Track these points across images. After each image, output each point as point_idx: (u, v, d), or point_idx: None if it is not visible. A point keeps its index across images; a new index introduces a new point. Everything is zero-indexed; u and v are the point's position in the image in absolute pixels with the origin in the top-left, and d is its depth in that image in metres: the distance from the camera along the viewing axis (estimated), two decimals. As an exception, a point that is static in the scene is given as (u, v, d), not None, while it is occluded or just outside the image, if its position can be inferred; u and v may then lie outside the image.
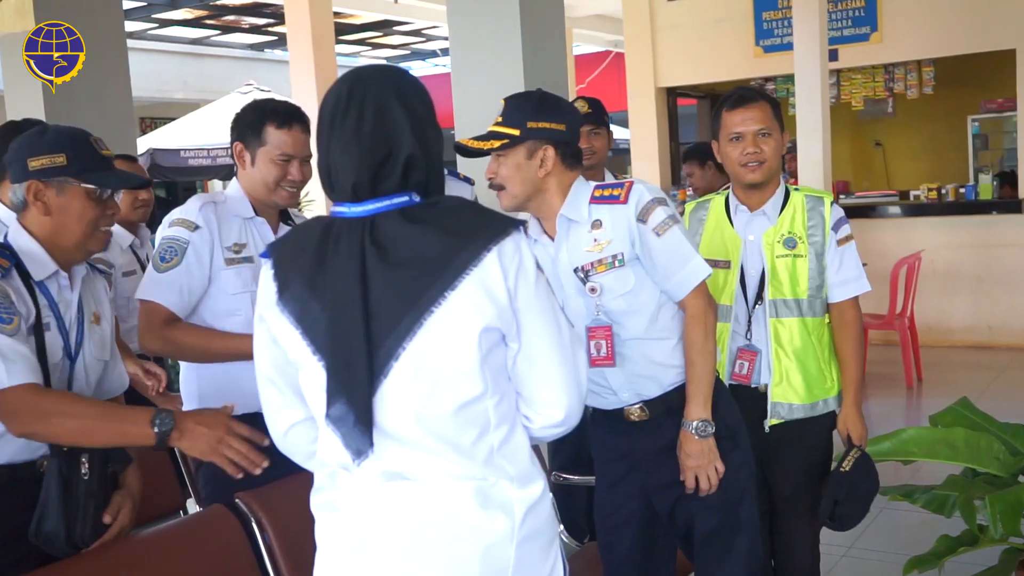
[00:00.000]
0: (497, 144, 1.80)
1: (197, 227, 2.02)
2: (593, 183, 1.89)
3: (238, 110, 2.15)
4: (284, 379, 1.31)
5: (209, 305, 2.06)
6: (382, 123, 1.24)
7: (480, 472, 1.23)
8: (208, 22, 10.69)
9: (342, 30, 11.47)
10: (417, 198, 1.26)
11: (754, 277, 2.20)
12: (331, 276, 1.21)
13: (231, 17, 10.47)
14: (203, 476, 2.12)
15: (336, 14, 9.68)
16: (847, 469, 2.13)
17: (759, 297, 2.19)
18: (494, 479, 1.23)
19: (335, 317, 1.21)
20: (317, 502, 1.31)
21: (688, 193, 5.05)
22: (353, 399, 1.20)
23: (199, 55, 11.70)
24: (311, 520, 1.32)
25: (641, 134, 7.70)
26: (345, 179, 1.24)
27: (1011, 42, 6.25)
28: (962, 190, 6.64)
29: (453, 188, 2.83)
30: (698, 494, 1.87)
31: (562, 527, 2.47)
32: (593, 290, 1.86)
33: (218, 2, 9.46)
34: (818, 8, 5.69)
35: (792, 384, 2.17)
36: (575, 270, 1.87)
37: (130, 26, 10.42)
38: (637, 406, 1.91)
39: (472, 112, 2.97)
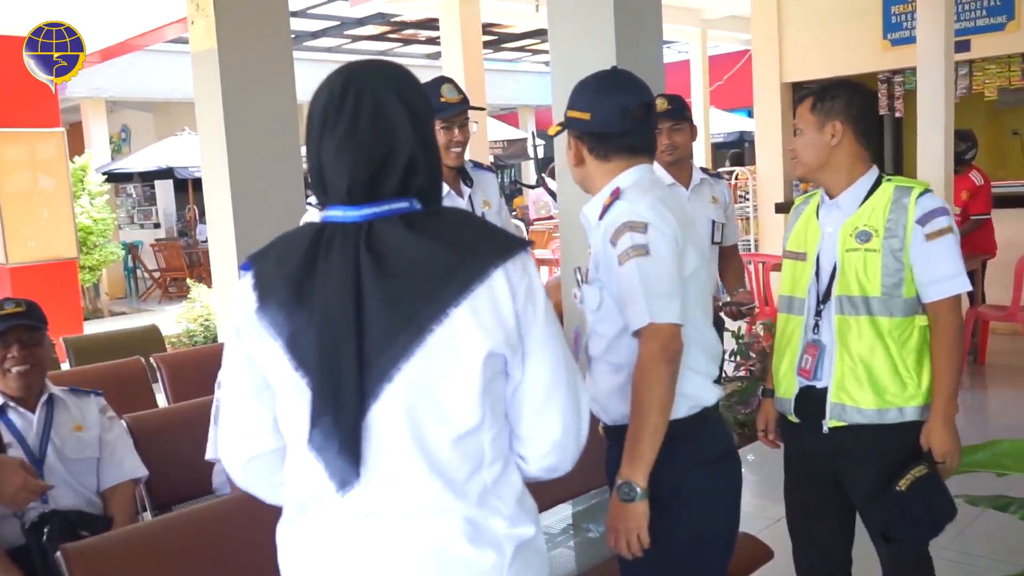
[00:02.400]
0: (553, 131, 1.59)
1: None
2: (615, 183, 1.51)
3: None
4: (257, 404, 1.04)
5: None
6: (380, 121, 0.99)
7: (473, 511, 0.98)
8: (391, 36, 10.98)
9: (505, 39, 11.46)
10: (418, 205, 1.01)
11: (827, 271, 1.83)
12: (321, 285, 0.96)
13: (410, 31, 10.69)
14: None
15: (495, 25, 9.66)
16: (902, 489, 1.72)
17: (828, 292, 1.82)
18: (483, 517, 0.99)
19: (324, 331, 0.95)
20: (285, 534, 1.05)
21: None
22: (340, 423, 0.94)
23: (384, 65, 12.06)
24: None
25: (766, 127, 7.13)
26: (339, 180, 0.99)
27: None
28: (1103, 181, 5.66)
29: (480, 178, 2.61)
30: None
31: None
32: (576, 297, 1.56)
33: (398, 19, 9.65)
34: (944, 0, 4.94)
35: (854, 386, 1.78)
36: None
37: (327, 42, 10.89)
38: (601, 424, 1.58)
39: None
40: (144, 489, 2.27)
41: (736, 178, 8.44)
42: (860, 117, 1.80)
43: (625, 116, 1.49)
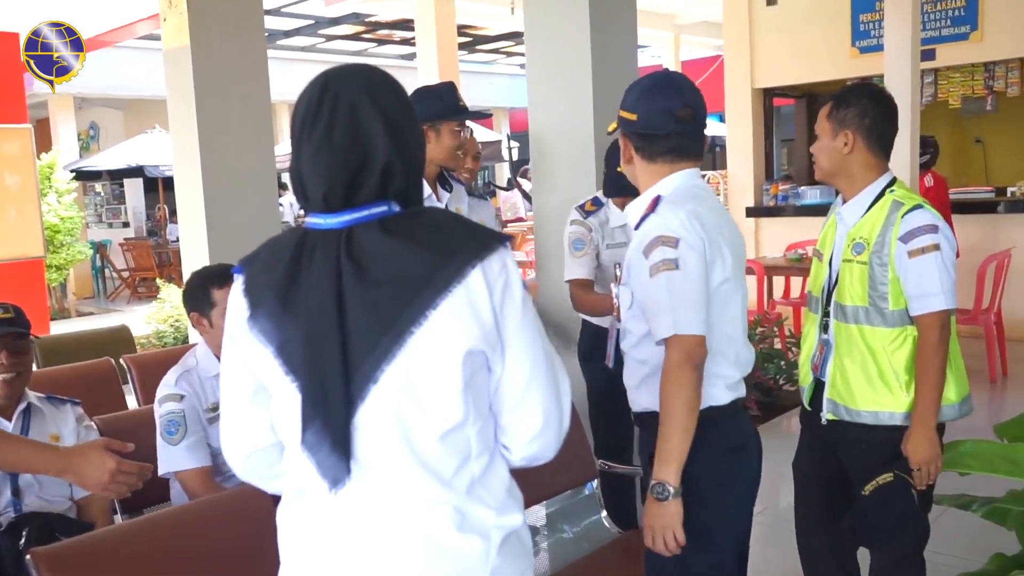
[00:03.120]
0: (612, 128, 1.64)
1: None
2: (657, 188, 1.55)
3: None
4: (254, 403, 1.07)
5: None
6: (354, 128, 1.00)
7: (461, 502, 1.02)
8: (366, 36, 10.91)
9: (479, 41, 11.46)
10: (396, 207, 1.02)
11: (835, 275, 1.92)
12: (305, 293, 0.99)
13: (384, 31, 10.64)
14: None
15: (469, 27, 9.66)
16: (867, 494, 1.77)
17: (830, 296, 1.92)
18: (471, 507, 1.02)
19: (310, 337, 0.98)
20: (285, 516, 1.09)
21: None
22: (329, 424, 0.98)
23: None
24: None
25: (737, 132, 7.21)
26: (316, 188, 1.00)
27: (1121, 39, 5.37)
28: (1059, 188, 5.84)
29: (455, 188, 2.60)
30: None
31: (605, 513, 2.28)
32: (614, 291, 1.66)
33: (373, 19, 9.60)
34: (911, 9, 5.06)
35: (845, 387, 1.89)
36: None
37: (302, 41, 10.80)
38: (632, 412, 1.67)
39: (544, 105, 2.79)
40: None
41: (708, 182, 8.54)
42: (873, 126, 1.85)
43: (669, 118, 1.52)
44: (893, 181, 1.89)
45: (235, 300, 1.06)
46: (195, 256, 3.49)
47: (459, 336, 0.98)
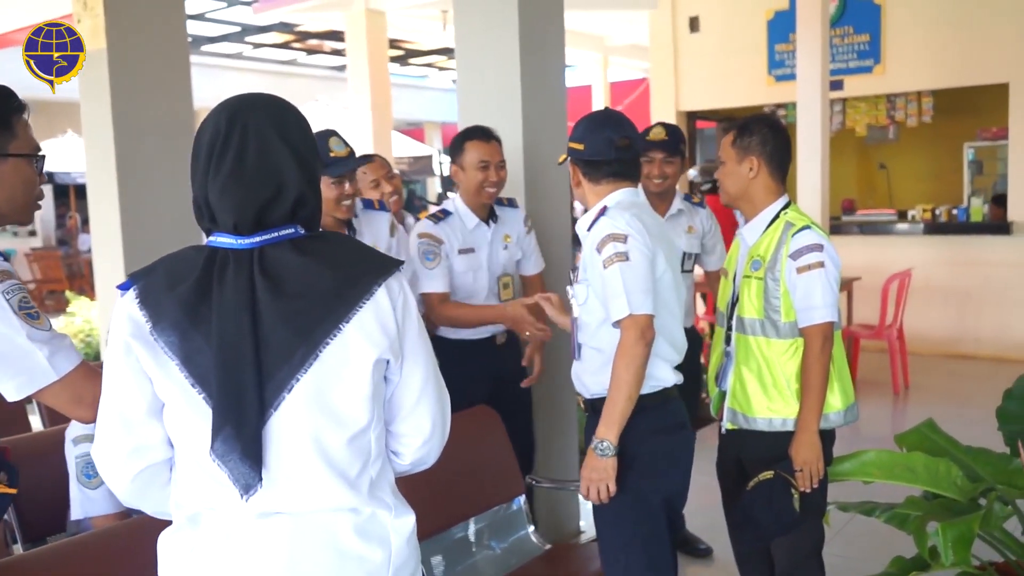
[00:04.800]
0: (561, 160, 1.94)
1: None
2: (603, 202, 1.83)
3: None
4: (147, 418, 1.06)
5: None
6: (265, 160, 1.05)
7: (364, 503, 1.08)
8: (295, 46, 10.73)
9: (412, 55, 11.43)
10: (302, 231, 1.09)
11: (736, 290, 2.05)
12: (217, 307, 1.02)
13: (314, 41, 10.49)
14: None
15: (401, 40, 9.63)
16: (749, 489, 1.93)
17: (733, 310, 2.05)
18: (371, 510, 1.09)
19: (223, 348, 1.01)
20: (171, 542, 1.08)
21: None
22: (240, 432, 1.01)
23: (287, 74, 11.75)
24: None
25: (662, 152, 7.46)
26: (226, 216, 1.05)
27: (1004, 76, 5.85)
28: (955, 211, 6.26)
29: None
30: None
31: (533, 528, 2.29)
32: (569, 293, 1.88)
33: (301, 28, 9.46)
34: (820, 42, 5.36)
35: (743, 396, 2.02)
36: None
37: (228, 48, 10.53)
38: (581, 398, 1.92)
39: (475, 123, 2.82)
40: (15, 519, 2.08)
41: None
42: (774, 153, 2.01)
43: (610, 147, 1.81)
44: (788, 204, 2.05)
45: (128, 312, 1.05)
46: (109, 268, 3.33)
47: (369, 346, 1.05)
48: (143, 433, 1.07)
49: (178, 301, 1.03)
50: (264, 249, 1.05)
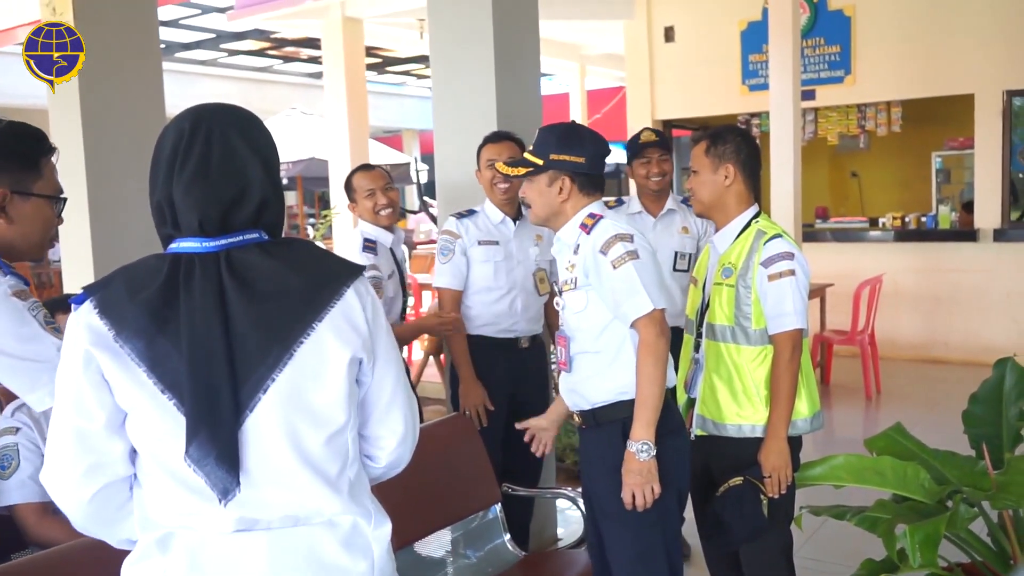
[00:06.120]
0: (523, 171, 1.87)
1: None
2: (588, 211, 1.86)
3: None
4: (108, 432, 1.01)
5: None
6: (231, 162, 1.06)
7: (344, 507, 1.06)
8: (271, 53, 10.67)
9: (389, 62, 11.42)
10: (266, 236, 1.10)
11: (706, 297, 2.07)
12: (186, 311, 1.00)
13: (291, 48, 10.44)
14: None
15: (378, 48, 9.62)
16: (719, 495, 1.95)
17: (703, 318, 2.06)
18: (352, 517, 1.07)
19: (194, 352, 0.99)
20: (138, 571, 1.03)
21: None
22: (216, 434, 0.98)
23: (263, 81, 11.68)
24: None
25: (638, 160, 7.53)
26: (191, 216, 1.04)
27: (969, 87, 6.00)
28: (924, 219, 6.40)
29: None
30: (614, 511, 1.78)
31: (508, 536, 2.30)
32: (558, 304, 1.88)
33: (277, 35, 9.41)
34: (792, 53, 5.45)
35: (713, 403, 2.04)
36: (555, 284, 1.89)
37: (203, 55, 10.44)
38: (576, 412, 1.90)
39: (449, 132, 2.82)
40: None
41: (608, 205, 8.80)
42: (747, 161, 2.04)
43: (603, 162, 1.88)
44: (758, 213, 2.08)
45: (86, 322, 1.02)
46: (78, 279, 3.29)
47: (342, 345, 1.06)
48: (102, 449, 1.02)
49: (142, 308, 1.00)
50: (231, 252, 1.04)
